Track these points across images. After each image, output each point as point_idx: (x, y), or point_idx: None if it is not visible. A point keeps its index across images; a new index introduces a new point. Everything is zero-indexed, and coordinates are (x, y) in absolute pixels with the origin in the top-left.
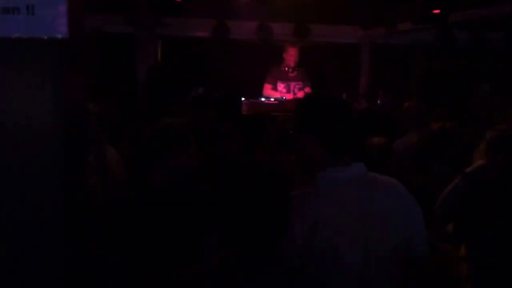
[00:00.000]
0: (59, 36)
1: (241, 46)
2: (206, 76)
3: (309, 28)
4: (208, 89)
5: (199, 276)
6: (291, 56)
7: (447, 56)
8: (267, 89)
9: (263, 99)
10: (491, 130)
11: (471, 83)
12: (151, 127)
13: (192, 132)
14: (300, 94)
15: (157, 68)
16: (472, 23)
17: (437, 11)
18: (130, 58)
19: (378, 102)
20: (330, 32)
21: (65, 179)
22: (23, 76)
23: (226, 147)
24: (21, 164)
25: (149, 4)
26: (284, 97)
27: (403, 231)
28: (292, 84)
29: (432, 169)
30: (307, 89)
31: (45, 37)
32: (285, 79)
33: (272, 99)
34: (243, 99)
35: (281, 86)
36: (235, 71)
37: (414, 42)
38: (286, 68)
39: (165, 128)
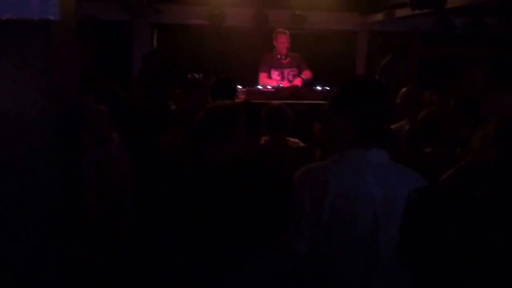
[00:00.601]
0: (51, 17)
1: (237, 33)
2: (202, 64)
3: (305, 16)
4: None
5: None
6: (281, 43)
7: (445, 42)
8: (263, 77)
9: (260, 87)
10: (494, 119)
11: (468, 68)
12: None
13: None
14: (296, 81)
15: (152, 54)
16: (470, 8)
17: None
18: (126, 45)
19: None
20: (327, 18)
21: (59, 162)
22: (13, 58)
23: None
24: (12, 146)
25: None
26: (280, 85)
27: None
28: (286, 71)
29: (424, 154)
30: (305, 74)
31: (36, 19)
32: (279, 66)
33: (269, 87)
34: (239, 87)
35: (275, 74)
36: (231, 59)
37: (413, 29)
38: (279, 56)
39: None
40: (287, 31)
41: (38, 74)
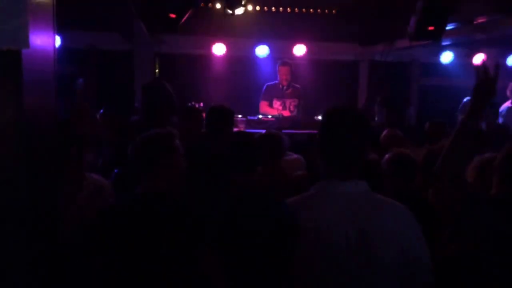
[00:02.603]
0: (21, 48)
1: (239, 62)
2: (203, 92)
3: (307, 46)
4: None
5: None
6: (283, 75)
7: (444, 72)
8: (264, 106)
9: (260, 116)
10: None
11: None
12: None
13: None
14: (296, 111)
15: (152, 85)
16: (466, 40)
17: (431, 28)
18: (128, 74)
19: (376, 119)
20: (328, 49)
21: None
22: None
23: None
24: None
25: (147, 22)
26: (281, 114)
27: (401, 256)
28: (288, 101)
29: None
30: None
31: (4, 49)
32: (280, 96)
33: (270, 116)
34: (240, 116)
35: (277, 104)
36: (232, 88)
37: (412, 59)
38: (281, 86)
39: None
40: (289, 62)
41: (8, 101)
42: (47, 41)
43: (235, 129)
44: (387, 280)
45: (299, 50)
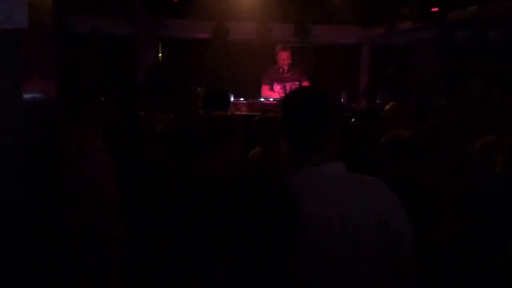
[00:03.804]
0: (17, 26)
1: (241, 46)
2: (205, 77)
3: (308, 29)
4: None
5: None
6: (283, 60)
7: (447, 55)
8: (265, 89)
9: (262, 99)
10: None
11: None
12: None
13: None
14: None
15: (156, 69)
16: (471, 21)
17: (435, 9)
18: (130, 58)
19: (377, 101)
20: (330, 32)
21: (26, 177)
22: None
23: None
24: None
25: (149, 6)
26: (283, 97)
27: (386, 230)
28: (288, 85)
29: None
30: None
31: (2, 28)
32: (281, 79)
33: (271, 99)
34: (241, 99)
35: (277, 87)
36: (235, 72)
37: (414, 41)
38: (281, 70)
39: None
40: (288, 47)
41: (3, 84)
42: (46, 21)
43: (237, 113)
44: (372, 259)
45: (300, 33)
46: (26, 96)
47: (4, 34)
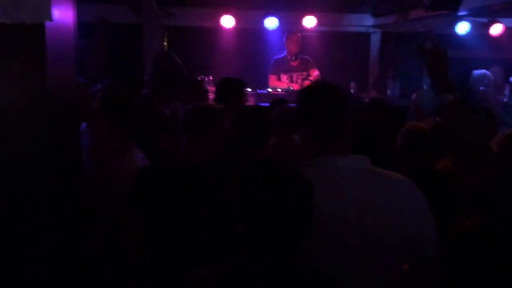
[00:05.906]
0: (43, 21)
1: (248, 35)
2: (212, 66)
3: (318, 17)
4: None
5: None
6: (292, 42)
7: (459, 43)
8: (273, 79)
9: (270, 89)
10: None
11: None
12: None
13: None
14: (305, 84)
15: (163, 57)
16: (484, 10)
17: None
18: (137, 47)
19: (388, 92)
20: (339, 20)
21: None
22: (7, 60)
23: None
24: (6, 144)
25: None
26: (291, 88)
27: (407, 230)
28: (295, 75)
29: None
30: (314, 76)
31: (27, 22)
32: (288, 70)
33: (279, 90)
34: (249, 90)
35: (284, 77)
36: (241, 61)
37: (426, 30)
38: (289, 57)
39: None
40: (296, 33)
41: (32, 75)
42: (68, 14)
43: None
44: (389, 257)
45: (309, 21)
46: (53, 89)
47: (30, 28)
